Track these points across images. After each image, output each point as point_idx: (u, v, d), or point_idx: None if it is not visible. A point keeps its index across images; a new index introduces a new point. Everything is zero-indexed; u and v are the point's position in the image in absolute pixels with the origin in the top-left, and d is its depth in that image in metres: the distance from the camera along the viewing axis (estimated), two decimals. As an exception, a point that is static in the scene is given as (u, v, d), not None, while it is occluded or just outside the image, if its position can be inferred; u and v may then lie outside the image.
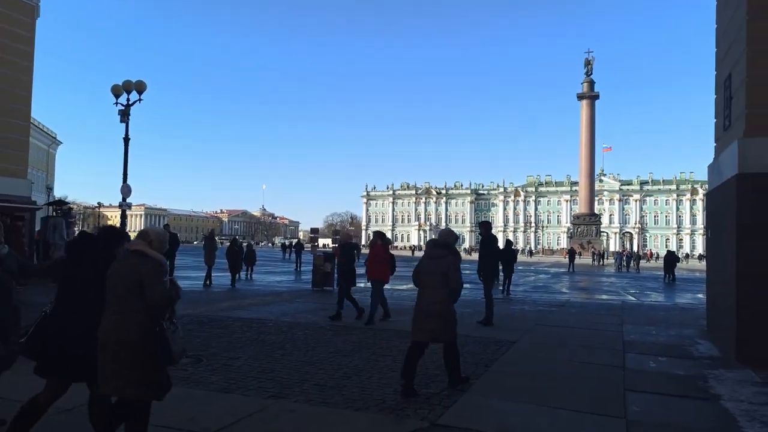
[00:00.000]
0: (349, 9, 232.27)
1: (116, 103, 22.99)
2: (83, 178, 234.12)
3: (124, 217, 23.68)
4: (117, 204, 23.75)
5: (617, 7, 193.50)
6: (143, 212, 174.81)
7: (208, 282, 17.28)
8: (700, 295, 19.99)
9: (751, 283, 6.86)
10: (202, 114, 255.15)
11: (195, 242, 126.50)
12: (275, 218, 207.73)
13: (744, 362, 6.79)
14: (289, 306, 12.26)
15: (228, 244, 20.01)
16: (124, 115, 23.02)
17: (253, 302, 12.85)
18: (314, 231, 38.80)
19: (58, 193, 75.54)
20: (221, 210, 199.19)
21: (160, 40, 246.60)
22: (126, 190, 23.79)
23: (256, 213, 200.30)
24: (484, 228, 10.89)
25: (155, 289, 3.25)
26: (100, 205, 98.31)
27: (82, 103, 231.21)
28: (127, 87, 22.91)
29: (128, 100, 23.04)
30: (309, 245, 40.36)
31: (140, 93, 22.88)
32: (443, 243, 5.73)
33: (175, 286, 3.48)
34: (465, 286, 14.11)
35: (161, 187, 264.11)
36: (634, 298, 17.80)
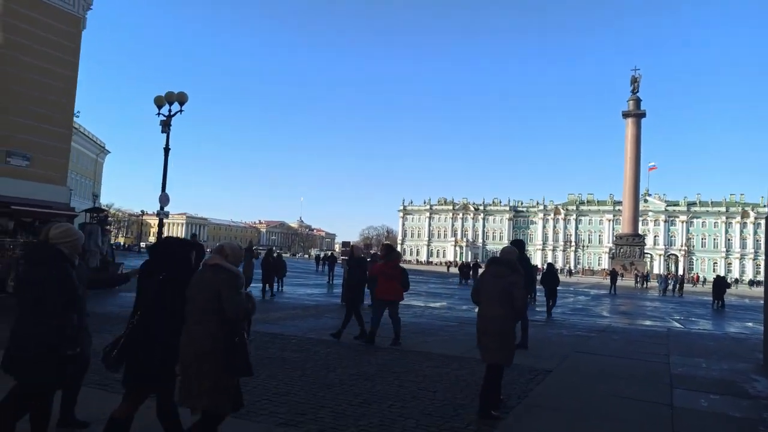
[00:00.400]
0: (385, 23, 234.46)
1: (158, 114, 23.55)
2: (129, 186, 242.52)
3: (161, 226, 24.04)
4: (155, 212, 24.17)
5: (667, 25, 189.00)
6: (185, 221, 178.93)
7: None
8: (752, 324, 18.74)
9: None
10: (245, 125, 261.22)
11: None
12: (312, 230, 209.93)
13: (810, 406, 6.07)
14: (316, 321, 11.96)
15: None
16: (166, 125, 23.49)
17: (281, 316, 12.60)
18: (346, 244, 38.56)
19: (104, 200, 78.13)
20: (260, 221, 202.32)
21: (204, 49, 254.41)
22: (164, 199, 24.14)
23: (294, 224, 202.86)
24: (516, 247, 10.21)
25: (232, 301, 3.31)
26: (143, 213, 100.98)
27: (131, 111, 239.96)
28: (169, 98, 23.40)
29: (170, 110, 23.53)
30: (342, 258, 40.11)
31: (182, 104, 23.28)
32: (505, 261, 5.55)
33: (251, 298, 3.53)
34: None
35: (202, 195, 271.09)
36: (680, 325, 16.80)
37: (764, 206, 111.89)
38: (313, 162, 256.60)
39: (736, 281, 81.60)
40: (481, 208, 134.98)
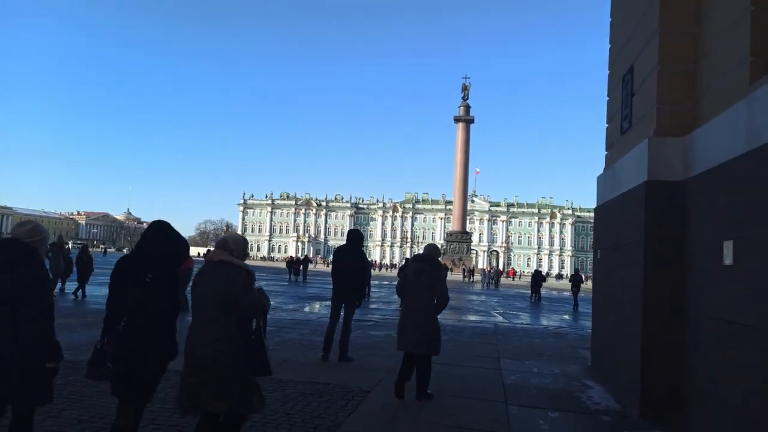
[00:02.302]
0: (221, 19, 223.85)
1: None
2: None
3: None
4: None
5: (495, 34, 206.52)
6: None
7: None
8: (566, 317, 19.76)
9: (661, 314, 5.46)
10: (66, 109, 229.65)
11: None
12: (142, 223, 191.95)
13: (650, 418, 5.35)
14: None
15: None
16: None
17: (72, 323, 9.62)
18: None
19: None
20: (78, 212, 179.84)
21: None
22: None
23: (120, 217, 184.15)
24: (354, 238, 8.53)
25: (246, 299, 3.26)
26: None
27: None
28: None
29: None
30: None
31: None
32: (429, 258, 5.92)
33: (263, 294, 3.45)
34: (314, 308, 11.65)
35: (7, 181, 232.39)
36: (505, 320, 16.87)
37: (568, 209, 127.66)
38: (146, 153, 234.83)
39: (547, 275, 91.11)
40: (324, 203, 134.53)
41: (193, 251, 60.73)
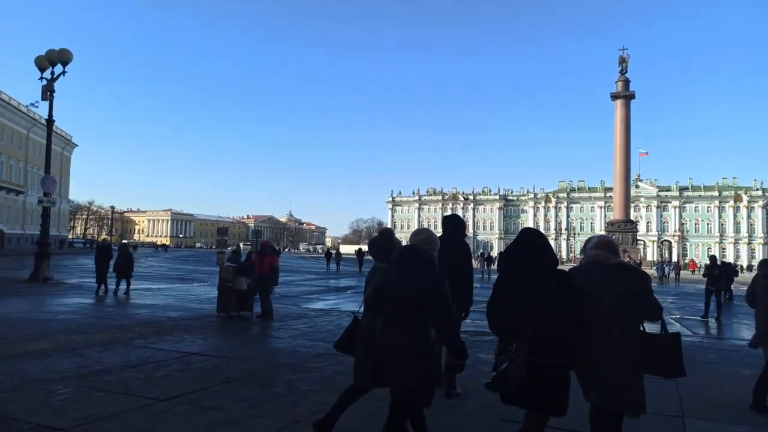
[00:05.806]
0: (372, 17, 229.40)
1: (41, 78, 19.19)
2: (103, 181, 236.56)
3: (46, 216, 19.61)
4: (139, 209, 19.97)
5: (657, 6, 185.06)
6: (170, 217, 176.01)
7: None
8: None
9: None
10: (234, 120, 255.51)
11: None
12: (302, 224, 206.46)
13: None
14: (171, 345, 7.67)
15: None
16: (48, 91, 19.12)
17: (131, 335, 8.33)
18: (222, 231, 31.01)
19: (77, 195, 73.08)
20: (248, 216, 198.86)
21: (189, 44, 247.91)
22: (49, 184, 19.87)
23: (283, 219, 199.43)
24: (452, 225, 5.83)
25: (651, 301, 3.35)
26: (113, 209, 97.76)
27: (100, 105, 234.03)
28: (51, 58, 19.03)
29: (53, 73, 19.21)
30: (220, 250, 30.01)
31: (65, 65, 19.01)
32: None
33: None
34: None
35: (188, 191, 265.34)
36: (685, 329, 12.78)
37: (757, 189, 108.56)
38: (303, 155, 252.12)
39: (738, 266, 78.04)
40: (471, 197, 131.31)
41: (349, 249, 61.72)
